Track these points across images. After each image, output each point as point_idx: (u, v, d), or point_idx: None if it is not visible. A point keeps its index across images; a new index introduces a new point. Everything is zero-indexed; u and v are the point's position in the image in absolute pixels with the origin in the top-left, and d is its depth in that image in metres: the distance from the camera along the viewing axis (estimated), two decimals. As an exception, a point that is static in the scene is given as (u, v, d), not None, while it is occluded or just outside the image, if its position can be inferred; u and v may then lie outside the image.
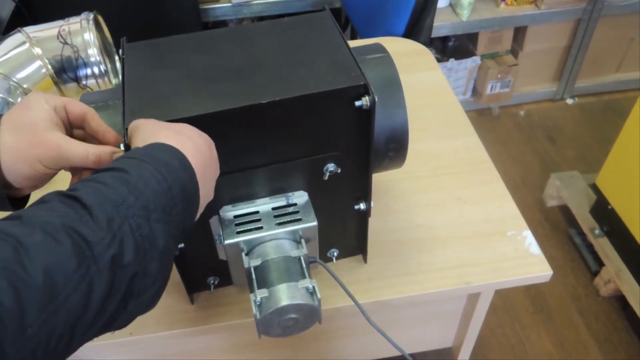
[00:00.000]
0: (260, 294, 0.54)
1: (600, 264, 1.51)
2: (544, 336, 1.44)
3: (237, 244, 0.58)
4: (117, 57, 1.03)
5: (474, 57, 1.94)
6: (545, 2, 1.80)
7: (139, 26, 1.40)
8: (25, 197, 0.52)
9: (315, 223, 0.59)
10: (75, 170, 0.51)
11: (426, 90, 1.00)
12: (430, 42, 1.32)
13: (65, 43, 0.89)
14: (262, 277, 0.56)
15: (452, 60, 1.92)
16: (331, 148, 0.58)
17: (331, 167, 0.59)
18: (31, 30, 0.91)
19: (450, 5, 1.82)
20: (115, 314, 0.38)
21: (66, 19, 0.92)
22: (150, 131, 0.47)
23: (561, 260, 1.61)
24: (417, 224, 0.79)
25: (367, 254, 0.72)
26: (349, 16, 1.55)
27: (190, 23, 1.52)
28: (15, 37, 0.90)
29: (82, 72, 0.91)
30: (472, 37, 1.94)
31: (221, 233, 0.59)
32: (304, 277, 0.56)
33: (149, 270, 0.39)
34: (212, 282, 0.69)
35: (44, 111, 0.47)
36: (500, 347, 1.42)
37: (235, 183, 0.58)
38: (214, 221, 0.60)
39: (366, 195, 0.64)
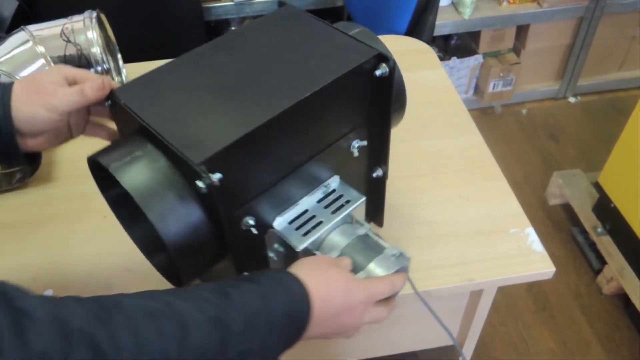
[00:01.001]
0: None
1: (603, 262, 1.51)
2: (547, 334, 1.44)
3: (308, 246, 0.57)
4: (119, 56, 1.03)
5: (476, 56, 1.94)
6: (547, 1, 1.80)
7: (141, 25, 1.40)
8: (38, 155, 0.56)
9: (364, 197, 0.60)
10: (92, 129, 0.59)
11: (429, 89, 1.00)
12: (432, 41, 1.32)
13: (69, 41, 0.89)
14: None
15: (454, 58, 1.92)
16: (355, 124, 0.58)
17: (357, 143, 0.59)
18: (34, 28, 0.91)
19: (453, 3, 1.82)
20: None
21: (69, 18, 0.92)
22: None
23: (564, 258, 1.61)
24: (419, 221, 0.79)
25: (383, 217, 0.72)
26: (351, 15, 1.55)
27: (193, 21, 1.52)
28: (19, 36, 0.90)
29: (85, 71, 0.91)
30: (474, 36, 1.94)
31: (290, 242, 0.57)
32: (382, 247, 0.58)
33: None
34: None
35: (55, 71, 0.54)
36: (503, 345, 1.42)
37: (278, 193, 0.57)
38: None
39: (385, 159, 0.64)
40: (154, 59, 1.11)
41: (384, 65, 0.54)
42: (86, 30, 0.90)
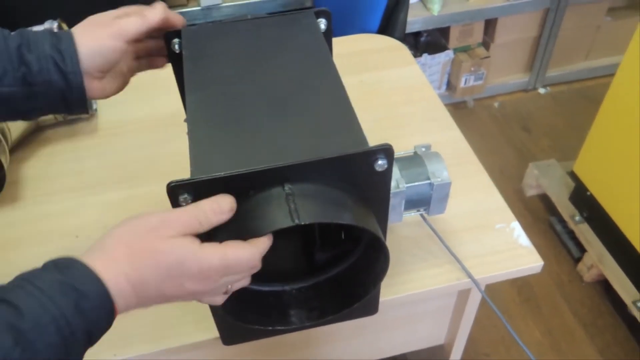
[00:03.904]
0: None
1: (582, 250, 1.52)
2: (532, 325, 1.45)
3: None
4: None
5: (446, 52, 1.95)
6: (513, -6, 1.82)
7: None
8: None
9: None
10: (145, 60, 0.60)
11: (405, 86, 0.99)
12: (403, 38, 1.31)
13: (28, 54, 0.85)
14: None
15: (425, 55, 1.93)
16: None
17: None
18: (-9, 42, 0.86)
19: (421, 0, 1.82)
20: None
21: (29, 29, 0.88)
22: (110, 236, 0.43)
23: (544, 248, 1.62)
24: (404, 221, 0.77)
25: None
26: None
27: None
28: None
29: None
30: (444, 32, 1.95)
31: None
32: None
33: None
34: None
35: (106, 14, 0.56)
36: (490, 339, 1.42)
37: None
38: None
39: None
40: (121, 68, 1.08)
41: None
42: (46, 42, 0.86)
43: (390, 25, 1.16)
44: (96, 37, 0.53)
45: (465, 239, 0.74)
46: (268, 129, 0.49)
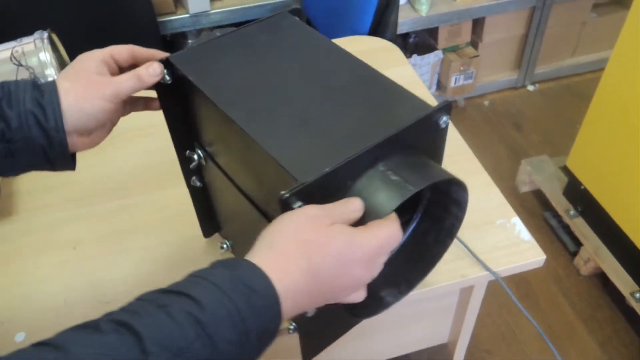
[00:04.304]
0: None
1: (578, 244, 1.53)
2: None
3: None
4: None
5: (436, 52, 1.96)
6: (500, -7, 1.83)
7: (96, 43, 1.35)
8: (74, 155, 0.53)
9: None
10: (141, 103, 0.59)
11: (398, 86, 0.99)
12: (395, 39, 1.31)
13: (20, 65, 0.84)
14: None
15: (414, 56, 1.93)
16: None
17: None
18: (-20, 54, 0.85)
19: (409, 1, 1.83)
20: None
21: (18, 40, 0.87)
22: (278, 234, 0.42)
23: (540, 244, 1.58)
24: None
25: None
26: (310, 18, 1.53)
27: (149, 36, 1.47)
28: (-37, 63, 0.85)
29: (39, 95, 0.86)
30: (432, 32, 1.96)
31: None
32: None
33: None
34: None
35: (94, 61, 0.52)
36: (490, 336, 1.43)
37: None
38: None
39: None
40: (112, 77, 1.07)
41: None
42: (38, 52, 0.85)
43: (381, 26, 1.16)
44: (86, 98, 0.50)
45: (467, 236, 0.74)
46: (332, 119, 0.49)
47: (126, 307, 0.37)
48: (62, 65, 0.93)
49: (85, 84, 0.50)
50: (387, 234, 0.44)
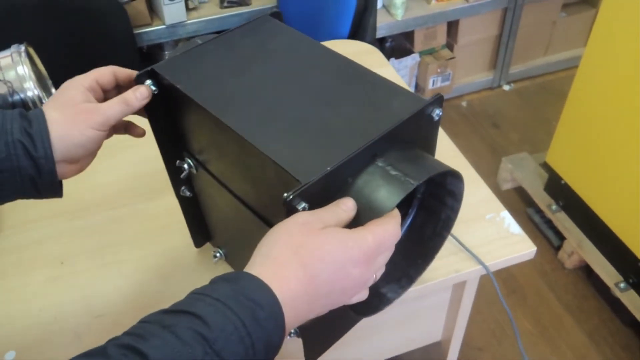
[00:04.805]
0: None
1: (562, 238, 1.56)
2: (521, 316, 1.47)
3: None
4: (54, 90, 0.96)
5: (412, 55, 1.98)
6: (472, -5, 1.87)
7: (73, 56, 1.33)
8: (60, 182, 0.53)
9: None
10: (122, 127, 0.59)
11: (381, 88, 1.00)
12: (374, 42, 1.33)
13: (-2, 79, 0.82)
14: None
15: (392, 60, 1.95)
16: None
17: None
18: (-45, 70, 0.83)
19: (384, 6, 1.85)
20: None
21: None
22: (274, 244, 0.41)
23: (524, 239, 1.65)
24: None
25: None
26: (287, 24, 1.54)
27: (126, 49, 1.45)
28: (-62, 80, 0.82)
29: (19, 109, 0.84)
30: (409, 36, 1.98)
31: None
32: None
33: None
34: None
35: (80, 89, 0.52)
36: (481, 333, 1.44)
37: None
38: None
39: None
40: (91, 90, 1.05)
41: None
42: (16, 66, 0.83)
43: (360, 30, 1.17)
44: (76, 127, 0.50)
45: (458, 231, 0.75)
46: (327, 118, 0.49)
47: (130, 330, 0.37)
48: (40, 78, 0.91)
49: (73, 114, 0.50)
50: (384, 231, 0.43)
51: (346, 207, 0.44)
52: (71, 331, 0.68)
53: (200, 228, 0.72)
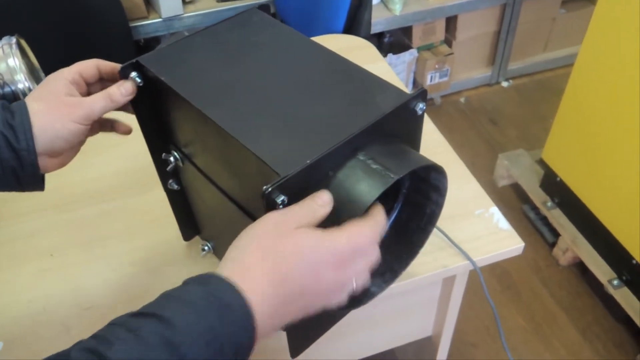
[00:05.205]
0: None
1: (556, 234, 1.56)
2: (515, 312, 1.48)
3: None
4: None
5: (410, 50, 1.98)
6: (471, -9, 1.86)
7: (67, 48, 1.33)
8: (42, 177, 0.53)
9: None
10: (108, 125, 0.59)
11: (374, 83, 1.00)
12: (369, 37, 1.32)
13: (-11, 71, 0.82)
14: None
15: (390, 55, 1.95)
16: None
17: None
18: (-53, 61, 0.83)
19: (382, 1, 1.85)
20: None
21: None
22: (249, 243, 0.41)
23: (520, 236, 1.65)
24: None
25: None
26: (283, 19, 1.54)
27: (122, 42, 1.45)
28: None
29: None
30: (407, 31, 1.98)
31: None
32: None
33: None
34: None
35: (63, 82, 0.52)
36: (475, 329, 1.44)
37: None
38: None
39: None
40: (85, 83, 1.05)
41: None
42: (7, 58, 0.84)
43: (355, 25, 1.17)
44: (58, 120, 0.50)
45: (447, 226, 0.75)
46: (310, 112, 0.49)
47: (97, 333, 0.36)
48: (31, 71, 0.91)
49: (56, 106, 0.50)
50: (359, 233, 0.42)
51: (322, 201, 0.43)
52: (60, 323, 0.68)
53: (189, 221, 0.72)
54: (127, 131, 0.60)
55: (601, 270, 1.40)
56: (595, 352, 1.38)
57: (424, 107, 0.51)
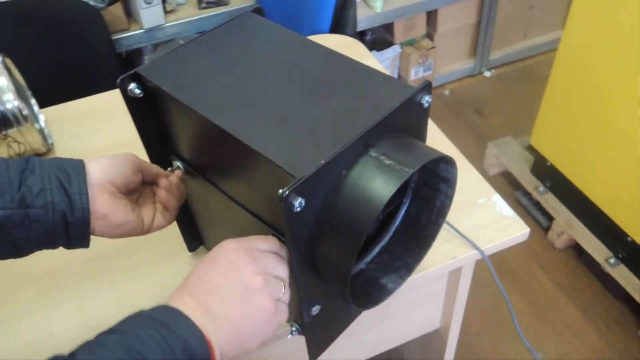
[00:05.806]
0: None
1: (550, 218, 1.58)
2: (516, 298, 1.49)
3: None
4: (33, 101, 0.95)
5: (393, 47, 1.99)
6: (449, -17, 1.87)
7: (51, 66, 1.31)
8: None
9: None
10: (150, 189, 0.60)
11: (365, 80, 1.00)
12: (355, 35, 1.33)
13: (-24, 92, 0.80)
14: None
15: (373, 52, 1.95)
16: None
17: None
18: None
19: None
20: None
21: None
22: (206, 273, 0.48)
23: (514, 223, 1.66)
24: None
25: None
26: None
27: (105, 55, 1.43)
28: None
29: None
30: (389, 28, 1.99)
31: None
32: None
33: None
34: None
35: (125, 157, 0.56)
36: (478, 318, 1.45)
37: None
38: None
39: None
40: (70, 98, 1.03)
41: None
42: (-7, 78, 0.82)
43: (341, 23, 1.17)
44: (104, 168, 0.53)
45: (452, 217, 0.75)
46: (317, 111, 0.49)
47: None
48: (18, 89, 0.90)
49: (112, 159, 0.55)
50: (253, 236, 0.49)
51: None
52: (69, 345, 0.67)
53: (193, 232, 0.71)
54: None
55: (597, 250, 1.42)
56: (597, 330, 1.40)
57: (430, 100, 0.51)
